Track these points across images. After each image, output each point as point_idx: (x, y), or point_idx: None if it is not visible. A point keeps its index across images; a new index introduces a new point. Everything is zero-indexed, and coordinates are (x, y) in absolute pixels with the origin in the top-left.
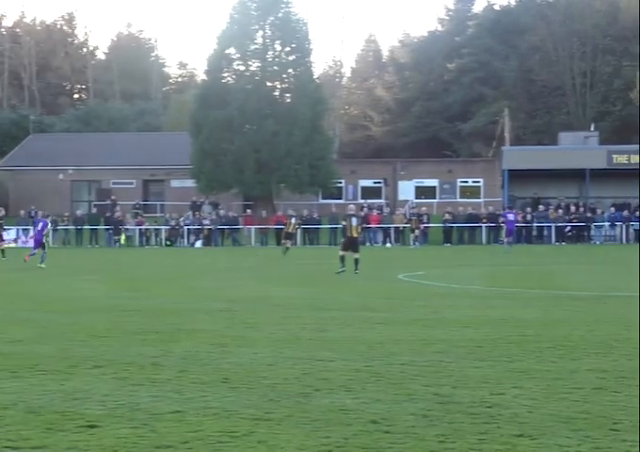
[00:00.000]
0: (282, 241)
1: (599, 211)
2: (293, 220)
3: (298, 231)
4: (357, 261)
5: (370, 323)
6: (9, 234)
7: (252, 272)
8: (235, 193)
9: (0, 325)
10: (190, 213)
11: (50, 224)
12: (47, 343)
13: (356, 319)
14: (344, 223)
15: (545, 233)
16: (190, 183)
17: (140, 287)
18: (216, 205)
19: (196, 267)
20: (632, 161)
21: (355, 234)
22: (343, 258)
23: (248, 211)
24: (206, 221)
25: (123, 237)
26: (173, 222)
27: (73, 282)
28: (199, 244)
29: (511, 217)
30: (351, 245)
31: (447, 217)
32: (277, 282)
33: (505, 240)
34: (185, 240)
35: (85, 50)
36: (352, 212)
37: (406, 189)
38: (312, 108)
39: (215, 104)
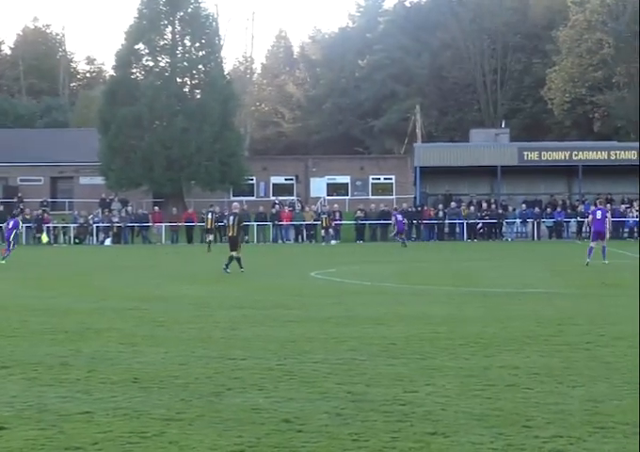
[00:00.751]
0: (206, 237)
1: (510, 208)
2: (210, 216)
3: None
4: (238, 260)
5: (282, 321)
6: None
7: (162, 270)
8: (145, 190)
9: None
10: (99, 210)
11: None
12: None
13: (268, 317)
14: (225, 222)
15: (457, 230)
16: (99, 180)
17: (48, 286)
18: (125, 203)
19: (105, 266)
20: (543, 158)
21: (232, 233)
22: (231, 258)
23: (158, 208)
24: (115, 219)
25: (44, 237)
26: (82, 220)
27: None
28: (108, 242)
29: (400, 217)
30: (231, 244)
31: (359, 214)
32: (188, 281)
33: (398, 236)
34: (95, 238)
35: None
36: (235, 210)
37: (318, 186)
38: (222, 105)
39: (123, 100)
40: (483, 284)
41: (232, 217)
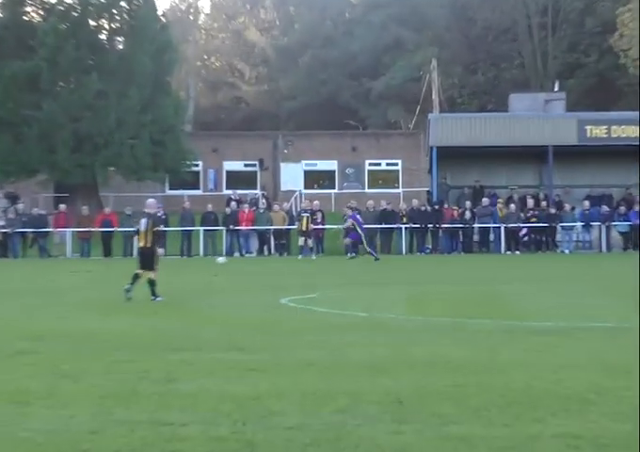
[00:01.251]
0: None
1: (567, 206)
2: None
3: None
4: (151, 282)
5: (240, 369)
6: None
7: (68, 295)
8: (43, 181)
9: None
10: None
11: None
12: None
13: (220, 364)
14: (136, 227)
15: (491, 237)
16: None
17: None
18: (14, 199)
19: None
20: (614, 135)
21: (144, 244)
22: (136, 276)
23: (62, 206)
24: (0, 222)
25: None
26: None
27: None
28: None
29: (358, 218)
30: (141, 259)
31: (351, 214)
32: (105, 310)
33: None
34: None
35: None
36: (148, 210)
37: (291, 175)
38: (154, 59)
39: (12, 51)
40: (527, 316)
41: (143, 221)
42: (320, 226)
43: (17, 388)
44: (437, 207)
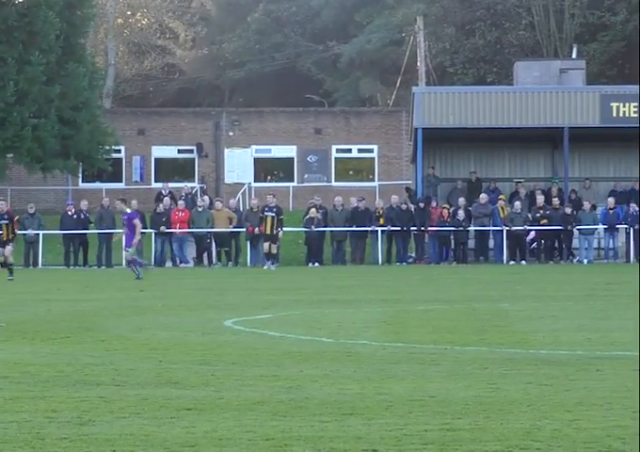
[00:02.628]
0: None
1: (586, 204)
2: None
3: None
4: None
5: (172, 409)
6: None
7: None
8: None
9: None
10: None
11: None
12: None
13: (147, 402)
14: None
15: (490, 243)
16: None
17: None
18: None
19: None
20: None
21: None
22: None
23: None
24: None
25: None
26: None
27: None
28: None
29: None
30: None
31: (313, 214)
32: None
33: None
34: None
35: None
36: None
37: (238, 164)
38: (63, 15)
39: None
40: (534, 343)
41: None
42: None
43: None
44: (422, 205)
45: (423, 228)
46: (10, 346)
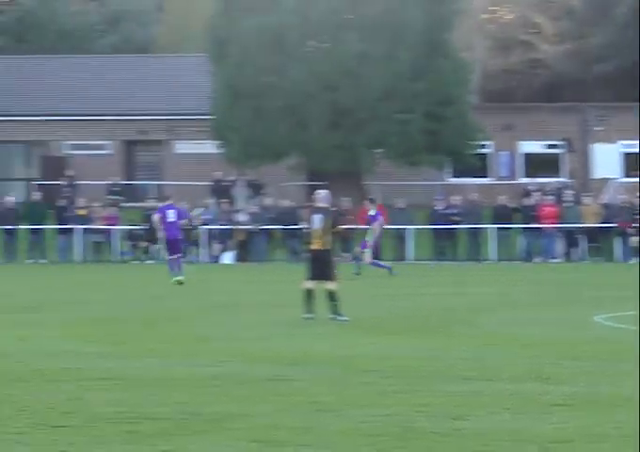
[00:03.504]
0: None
1: None
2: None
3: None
4: (331, 296)
5: (542, 404)
6: None
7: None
8: (293, 166)
9: None
10: (211, 201)
11: None
12: None
13: (516, 397)
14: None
15: None
16: (210, 147)
17: (117, 336)
18: (258, 188)
19: (226, 304)
20: None
21: (317, 246)
22: (309, 295)
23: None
24: (241, 217)
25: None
26: None
27: (1, 328)
28: (228, 258)
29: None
30: (313, 265)
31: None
32: (371, 330)
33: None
34: (205, 251)
35: None
36: (321, 204)
37: (604, 159)
38: (428, 11)
39: (250, 3)
40: None
41: (317, 217)
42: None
43: (269, 423)
44: None
45: None
46: (381, 340)
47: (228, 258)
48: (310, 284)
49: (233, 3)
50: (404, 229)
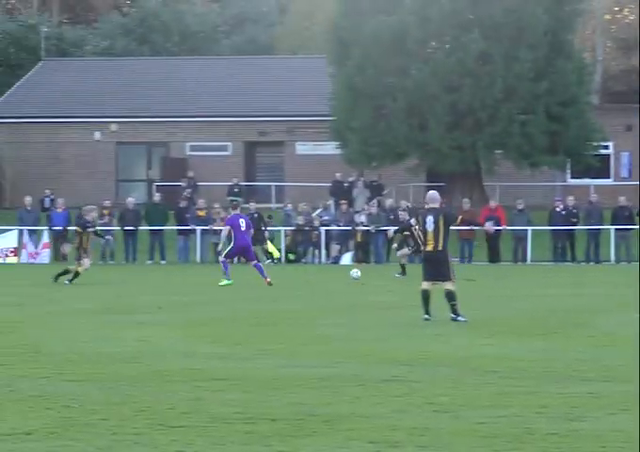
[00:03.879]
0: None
1: None
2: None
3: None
4: (450, 296)
5: None
6: (7, 238)
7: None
8: (413, 167)
9: None
10: (329, 202)
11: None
12: None
13: (635, 398)
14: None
15: None
16: (330, 148)
17: (235, 336)
18: (377, 189)
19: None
20: None
21: (432, 247)
22: (426, 296)
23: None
24: (361, 218)
25: (273, 249)
26: (300, 219)
27: (122, 329)
28: (346, 259)
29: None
30: (429, 267)
31: None
32: (490, 330)
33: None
34: (322, 252)
35: None
36: (432, 205)
37: None
38: (550, 11)
39: (372, 4)
40: None
41: (430, 218)
42: None
43: (385, 424)
44: None
45: None
46: (499, 341)
47: (346, 259)
48: (425, 285)
49: (356, 4)
50: (524, 230)
